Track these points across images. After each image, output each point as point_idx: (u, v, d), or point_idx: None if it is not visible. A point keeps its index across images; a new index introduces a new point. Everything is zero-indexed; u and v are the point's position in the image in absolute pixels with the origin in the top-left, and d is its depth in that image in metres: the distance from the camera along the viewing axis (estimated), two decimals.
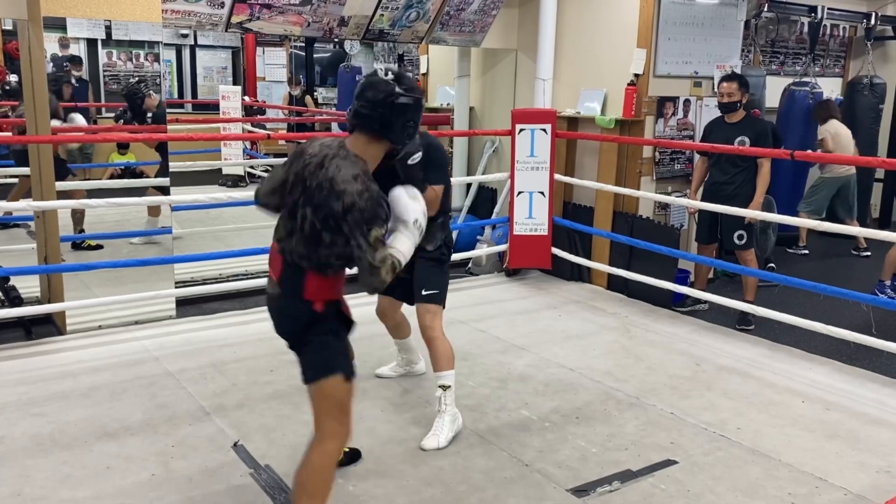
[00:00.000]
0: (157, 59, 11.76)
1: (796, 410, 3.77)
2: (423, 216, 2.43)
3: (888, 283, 5.40)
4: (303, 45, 12.55)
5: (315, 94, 12.23)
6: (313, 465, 2.42)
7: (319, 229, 2.30)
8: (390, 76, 2.41)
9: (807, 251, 7.23)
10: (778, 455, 3.29)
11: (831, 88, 7.95)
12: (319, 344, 2.42)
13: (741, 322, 5.03)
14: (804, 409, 3.79)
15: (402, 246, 2.38)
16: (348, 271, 2.44)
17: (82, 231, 6.09)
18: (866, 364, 4.36)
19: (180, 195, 5.39)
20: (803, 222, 5.42)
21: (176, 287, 4.94)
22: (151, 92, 6.75)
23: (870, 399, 3.92)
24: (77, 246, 5.76)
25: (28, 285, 4.74)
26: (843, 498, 2.98)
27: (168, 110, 11.45)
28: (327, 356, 2.43)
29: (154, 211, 6.06)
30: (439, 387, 3.33)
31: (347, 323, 2.54)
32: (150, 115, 6.62)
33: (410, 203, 2.41)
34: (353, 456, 3.11)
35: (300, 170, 2.37)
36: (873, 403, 3.87)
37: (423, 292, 3.35)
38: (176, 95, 12.36)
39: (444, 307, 3.41)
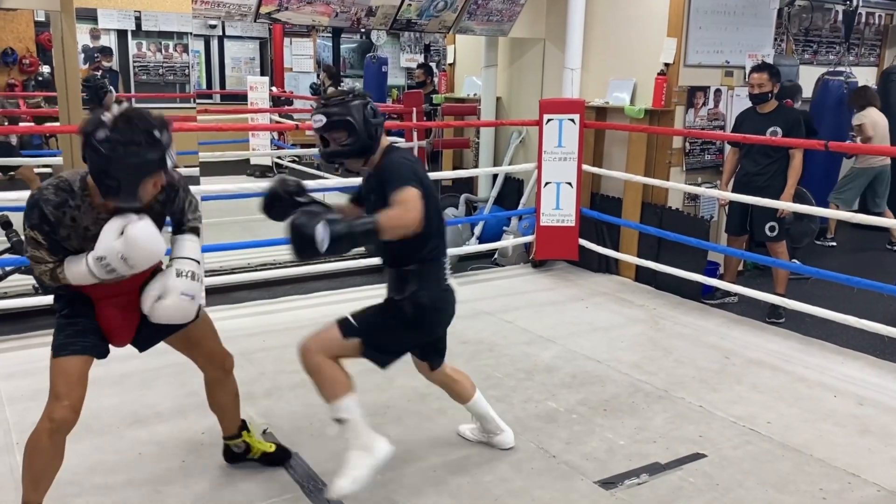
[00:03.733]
0: (185, 49, 11.86)
1: (828, 405, 3.71)
2: (111, 253, 2.27)
3: None
4: (329, 35, 12.58)
5: (341, 85, 12.27)
6: (27, 441, 2.45)
7: None
8: (111, 114, 2.18)
9: (834, 243, 7.11)
10: (809, 450, 3.24)
11: (866, 77, 7.79)
12: None
13: (772, 315, 4.96)
14: (836, 403, 3.73)
15: (69, 266, 2.33)
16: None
17: None
18: None
19: (209, 185, 5.44)
20: (835, 214, 5.32)
21: (204, 276, 4.98)
22: (111, 90, 6.82)
23: None
24: None
25: None
26: (877, 494, 2.93)
27: (197, 101, 11.61)
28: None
29: None
30: (334, 420, 2.70)
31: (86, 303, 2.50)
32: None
33: (102, 237, 2.29)
34: (278, 457, 3.02)
35: None
36: None
37: (345, 314, 2.75)
38: (204, 86, 12.47)
39: (359, 350, 2.69)
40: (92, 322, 2.48)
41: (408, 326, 2.74)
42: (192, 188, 2.71)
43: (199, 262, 2.56)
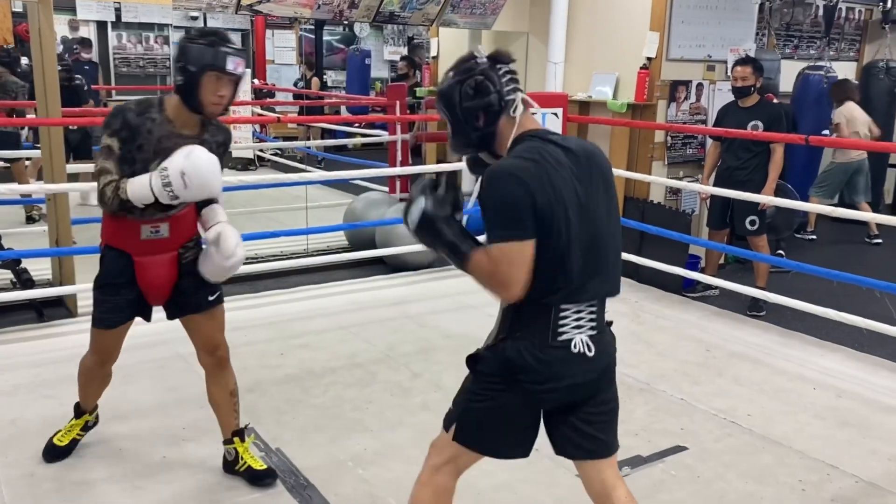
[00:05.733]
0: (166, 41, 11.75)
1: (808, 397, 3.75)
2: (174, 167, 2.36)
3: None
4: (312, 27, 12.50)
5: (324, 76, 12.20)
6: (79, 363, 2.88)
7: None
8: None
9: (814, 237, 7.17)
10: (789, 442, 3.27)
11: (846, 72, 7.86)
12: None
13: (752, 308, 5.00)
14: (816, 396, 3.77)
15: (133, 181, 2.43)
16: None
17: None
18: (879, 351, 4.33)
19: None
20: (816, 207, 5.37)
21: None
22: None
23: (882, 386, 3.90)
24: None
25: (40, 267, 4.75)
26: (855, 485, 2.97)
27: None
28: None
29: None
30: None
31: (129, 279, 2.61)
32: None
33: (172, 155, 2.41)
34: (263, 476, 2.85)
35: None
36: (885, 391, 3.85)
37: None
38: None
39: (461, 442, 2.05)
40: (127, 293, 2.63)
41: (495, 391, 1.95)
42: None
43: None
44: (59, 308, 4.57)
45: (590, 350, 1.93)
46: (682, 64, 5.65)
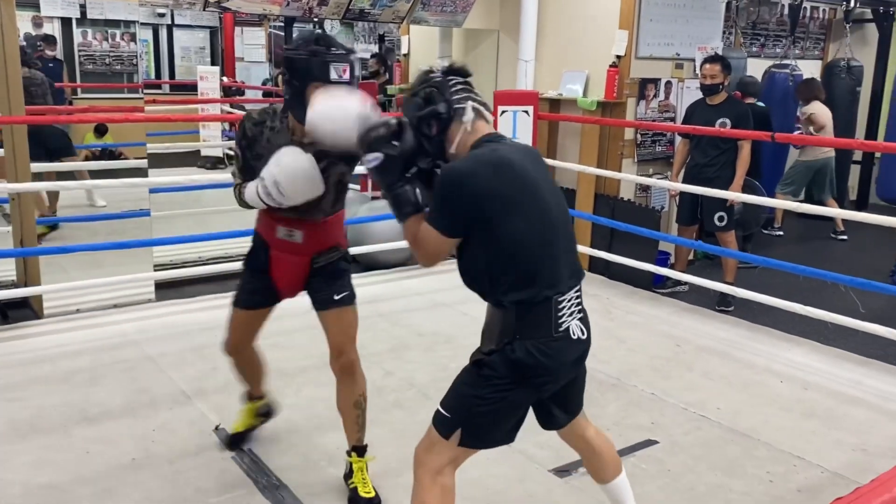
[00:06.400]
0: (133, 38, 11.59)
1: (775, 390, 3.81)
2: (268, 176, 2.36)
3: None
4: (282, 24, 12.40)
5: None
6: None
7: None
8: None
9: (781, 232, 7.29)
10: (757, 434, 3.32)
11: (811, 71, 7.99)
12: None
13: (721, 303, 5.07)
14: (782, 388, 3.83)
15: (248, 186, 2.49)
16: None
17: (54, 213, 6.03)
18: (843, 344, 4.41)
19: (158, 177, 5.33)
20: (782, 204, 5.45)
21: (155, 270, 4.89)
22: None
23: (846, 379, 3.97)
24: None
25: (3, 269, 4.67)
26: (820, 476, 3.02)
27: (146, 91, 11.35)
28: None
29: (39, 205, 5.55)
30: None
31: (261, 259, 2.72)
32: None
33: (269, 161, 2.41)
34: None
35: None
36: (850, 383, 3.92)
37: (437, 406, 2.16)
38: (153, 76, 12.19)
39: (459, 442, 2.08)
40: (262, 279, 2.70)
41: (503, 391, 2.02)
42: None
43: None
44: (24, 309, 4.49)
45: (583, 333, 2.09)
46: (650, 62, 5.70)
